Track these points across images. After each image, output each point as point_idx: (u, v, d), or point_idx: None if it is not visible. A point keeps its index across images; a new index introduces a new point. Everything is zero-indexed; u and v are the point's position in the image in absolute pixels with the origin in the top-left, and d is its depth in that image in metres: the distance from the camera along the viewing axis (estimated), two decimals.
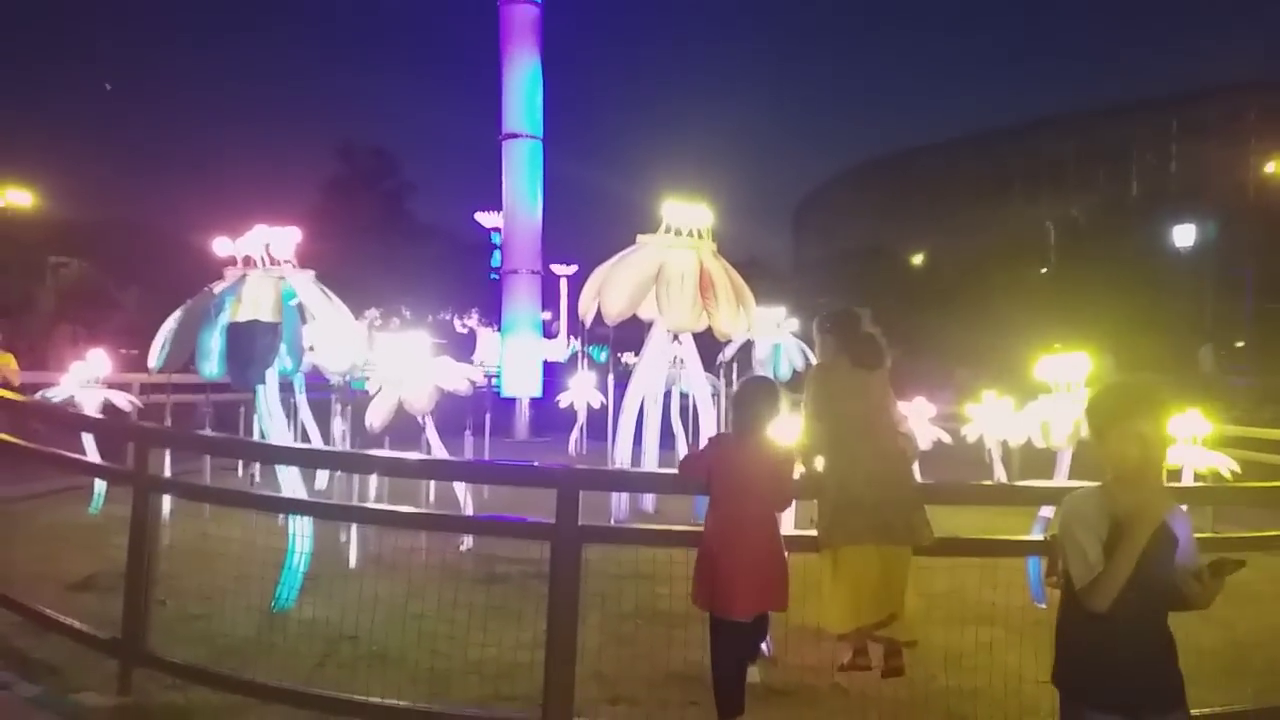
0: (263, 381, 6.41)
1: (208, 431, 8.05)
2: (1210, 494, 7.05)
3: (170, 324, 6.54)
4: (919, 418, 10.46)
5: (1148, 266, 35.80)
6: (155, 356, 6.49)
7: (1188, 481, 7.60)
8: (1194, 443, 7.91)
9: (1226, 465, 7.85)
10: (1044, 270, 43.88)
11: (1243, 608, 6.87)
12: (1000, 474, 9.77)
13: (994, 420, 9.61)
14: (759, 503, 4.10)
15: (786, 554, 4.18)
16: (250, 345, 6.12)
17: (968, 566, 6.22)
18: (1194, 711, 4.24)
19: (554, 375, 21.76)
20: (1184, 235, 35.51)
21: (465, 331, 51.13)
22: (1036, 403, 7.29)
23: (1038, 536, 6.09)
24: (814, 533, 4.33)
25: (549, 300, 39.12)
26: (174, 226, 35.75)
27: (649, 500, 10.00)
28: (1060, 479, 6.73)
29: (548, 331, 37.71)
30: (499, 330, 23.09)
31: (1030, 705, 4.61)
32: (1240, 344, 33.92)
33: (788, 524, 5.70)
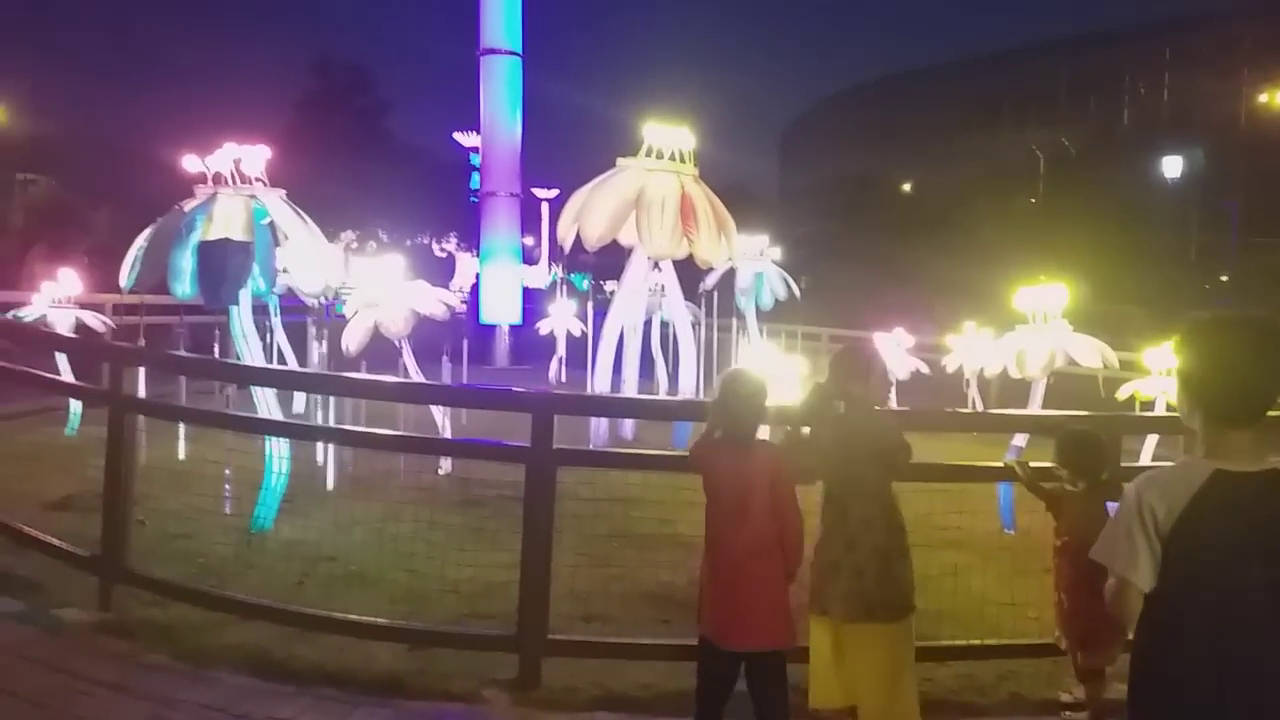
0: (236, 302, 6.35)
1: (183, 352, 8.00)
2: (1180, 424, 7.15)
3: (140, 243, 6.45)
4: (898, 348, 10.53)
5: (1135, 197, 35.78)
6: (126, 276, 6.40)
7: (1160, 412, 7.70)
8: (1168, 374, 7.99)
9: None
10: (1032, 200, 43.76)
11: None
12: (976, 403, 9.89)
13: (972, 351, 9.70)
14: (764, 525, 3.45)
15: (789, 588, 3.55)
16: (222, 265, 6.05)
17: (939, 492, 6.33)
18: None
19: (534, 302, 21.63)
20: (1172, 166, 35.40)
21: (444, 256, 50.72)
22: (1013, 333, 7.33)
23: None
24: None
25: (530, 224, 38.67)
26: (146, 143, 34.95)
27: (628, 427, 10.06)
28: (1034, 408, 6.81)
29: (529, 257, 37.32)
30: (478, 255, 22.84)
31: (993, 627, 4.73)
32: (1225, 277, 34.09)
33: None
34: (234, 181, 6.49)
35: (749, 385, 3.57)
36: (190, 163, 6.63)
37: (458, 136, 55.70)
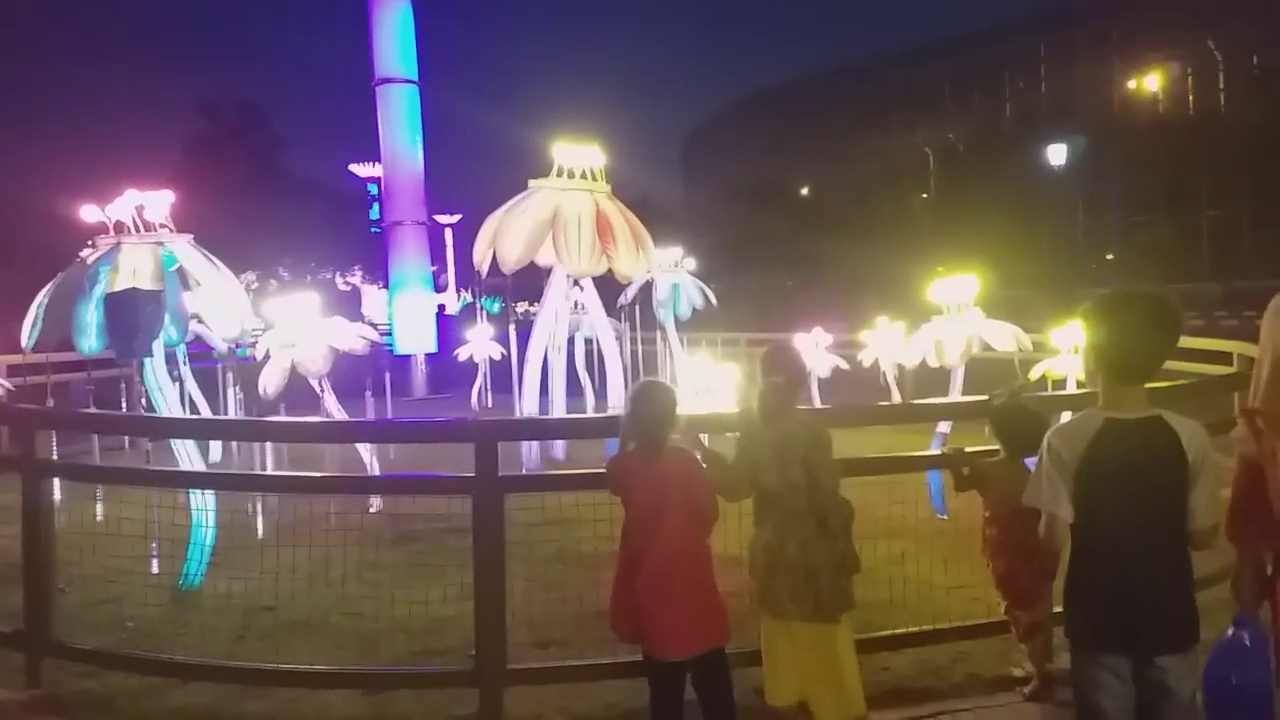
0: (149, 353, 6.12)
1: (92, 410, 7.66)
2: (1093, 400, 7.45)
3: (41, 299, 6.16)
4: (817, 347, 10.74)
5: (1023, 187, 37.28)
6: (27, 335, 6.11)
7: (1071, 390, 8.02)
8: (1075, 352, 8.33)
9: None
10: (925, 196, 45.22)
11: None
12: (895, 395, 10.14)
13: (887, 344, 9.95)
14: (682, 527, 3.55)
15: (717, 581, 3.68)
16: (133, 316, 5.82)
17: (872, 485, 6.46)
18: None
19: (447, 329, 21.38)
20: (1056, 155, 37.01)
21: (348, 289, 49.79)
22: (930, 324, 7.55)
23: (935, 451, 6.34)
24: None
25: (434, 251, 38.24)
26: (29, 196, 33.39)
27: (559, 447, 10.02)
28: (955, 394, 7.01)
29: (435, 284, 36.87)
30: (385, 287, 22.47)
31: (942, 611, 4.85)
32: (1110, 256, 35.72)
33: None
34: (137, 229, 6.26)
35: (657, 395, 3.68)
36: (89, 212, 6.37)
37: (354, 168, 54.79)
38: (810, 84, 59.51)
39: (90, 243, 6.71)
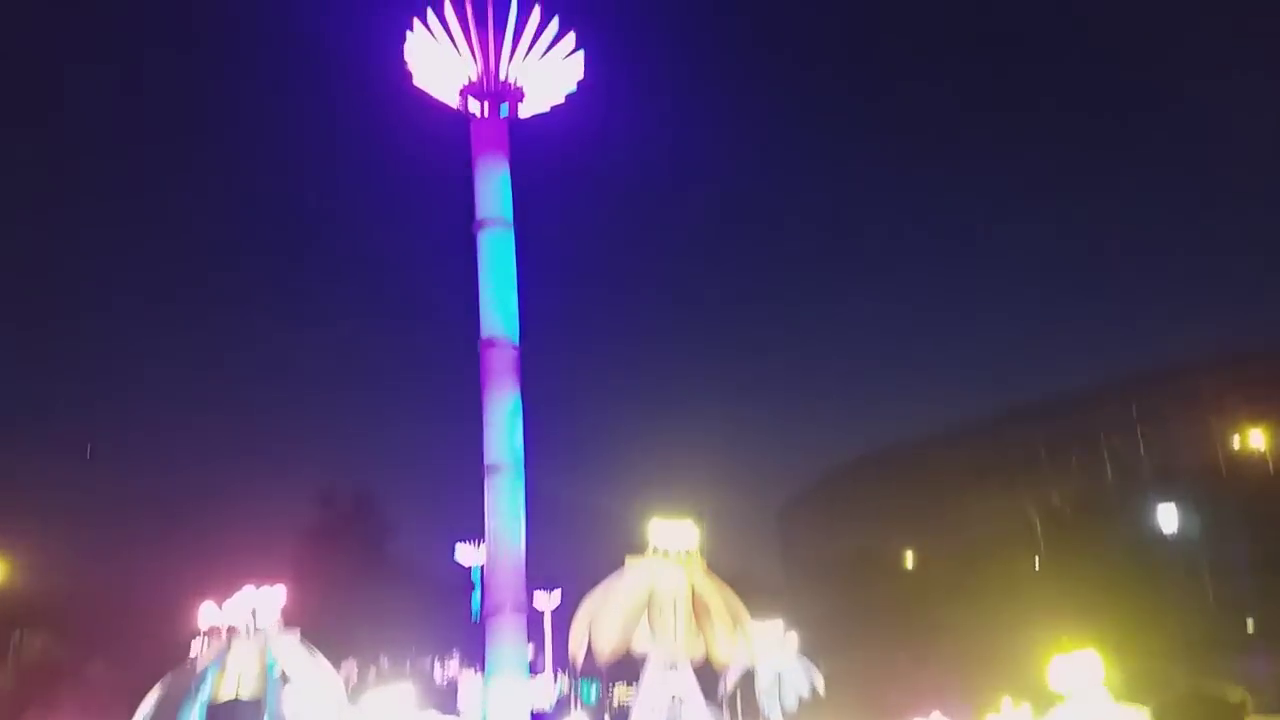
0: None
1: None
2: None
3: (148, 706, 6.25)
4: None
5: (1137, 550, 35.66)
6: None
7: None
8: None
9: None
10: (1035, 560, 43.54)
11: None
12: None
13: None
14: None
15: None
16: None
17: None
18: None
19: None
20: (1167, 516, 35.75)
21: (444, 684, 48.81)
22: (1056, 712, 6.99)
23: None
24: None
25: (531, 632, 37.73)
26: (144, 591, 34.80)
27: None
28: None
29: (531, 669, 35.84)
30: (482, 672, 21.89)
31: None
32: (1250, 628, 32.95)
33: None
34: (249, 630, 6.45)
35: None
36: (208, 610, 6.64)
37: (459, 552, 55.75)
38: (901, 451, 60.21)
39: (200, 634, 6.92)
